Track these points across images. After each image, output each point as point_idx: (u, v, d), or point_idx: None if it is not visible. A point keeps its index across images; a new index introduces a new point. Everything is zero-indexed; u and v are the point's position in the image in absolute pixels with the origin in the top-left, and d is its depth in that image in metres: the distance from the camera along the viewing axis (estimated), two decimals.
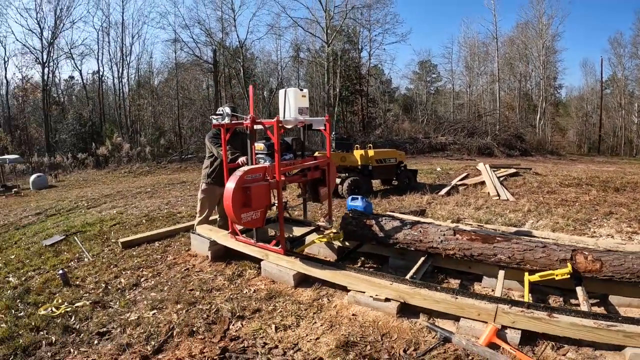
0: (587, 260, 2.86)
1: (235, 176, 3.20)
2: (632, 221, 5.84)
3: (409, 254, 3.48)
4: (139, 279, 4.09)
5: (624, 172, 13.95)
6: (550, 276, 2.85)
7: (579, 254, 2.89)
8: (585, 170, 15.13)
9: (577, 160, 24.38)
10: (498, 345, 2.40)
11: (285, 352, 2.50)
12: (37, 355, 2.76)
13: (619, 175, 12.28)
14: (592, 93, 43.95)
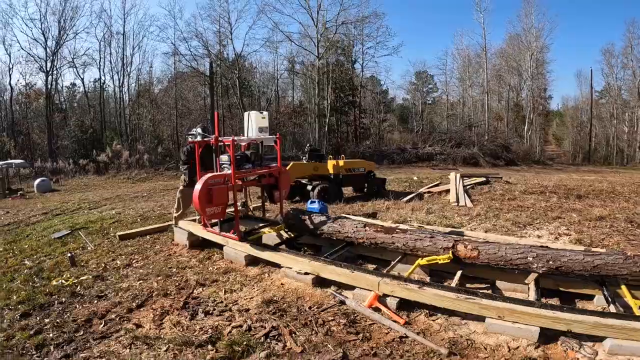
0: (467, 249, 3.59)
1: (202, 180, 4.37)
2: (573, 225, 6.42)
3: (337, 243, 4.60)
4: (131, 261, 5.22)
5: (602, 180, 14.50)
6: (434, 260, 3.64)
7: (460, 244, 3.63)
8: (564, 179, 15.86)
9: (561, 170, 25.42)
10: (379, 307, 3.36)
11: (227, 305, 3.62)
12: (50, 310, 3.83)
13: (591, 183, 12.98)
14: (587, 103, 44.73)
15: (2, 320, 3.57)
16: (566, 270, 3.32)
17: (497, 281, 3.79)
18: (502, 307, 3.00)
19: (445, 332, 3.02)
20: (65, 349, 3.02)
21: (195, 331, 3.11)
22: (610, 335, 2.77)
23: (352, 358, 2.53)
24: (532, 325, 2.91)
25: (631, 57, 38.44)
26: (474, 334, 3.01)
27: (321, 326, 2.98)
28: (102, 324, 3.42)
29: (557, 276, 3.48)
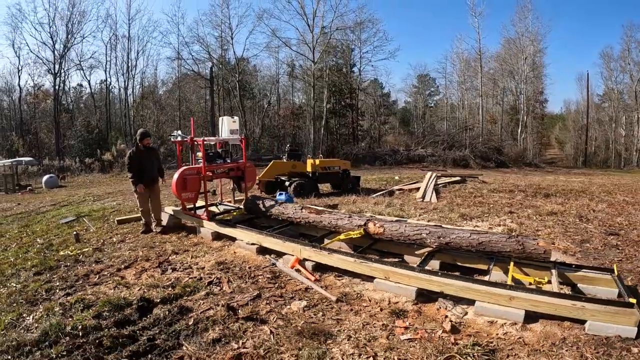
0: (375, 227, 4.35)
1: (179, 171, 5.56)
2: (521, 218, 6.96)
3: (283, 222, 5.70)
4: (125, 238, 6.39)
5: (584, 182, 15.01)
6: (349, 236, 4.49)
7: (370, 222, 4.42)
8: (546, 180, 16.45)
9: (552, 172, 26.10)
10: (299, 269, 4.37)
11: (190, 265, 4.76)
12: (57, 270, 4.98)
13: (568, 184, 13.56)
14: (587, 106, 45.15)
15: (19, 277, 4.74)
16: (455, 245, 3.97)
17: (405, 255, 4.53)
18: (387, 270, 3.77)
19: (344, 288, 3.87)
20: (67, 291, 4.18)
21: (162, 280, 4.27)
22: (477, 298, 3.31)
23: (264, 296, 3.64)
24: (411, 285, 3.59)
25: (628, 61, 39.24)
26: (365, 290, 3.80)
27: (251, 278, 4.12)
28: (97, 277, 4.59)
29: (455, 253, 4.12)
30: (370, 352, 2.67)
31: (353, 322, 3.12)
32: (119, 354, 2.75)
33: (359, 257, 4.05)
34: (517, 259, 3.86)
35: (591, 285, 3.66)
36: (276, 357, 2.53)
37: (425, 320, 3.23)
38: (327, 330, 2.90)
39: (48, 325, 3.17)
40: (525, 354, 2.70)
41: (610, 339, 2.86)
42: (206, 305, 3.46)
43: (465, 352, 2.66)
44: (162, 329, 3.12)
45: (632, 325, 2.84)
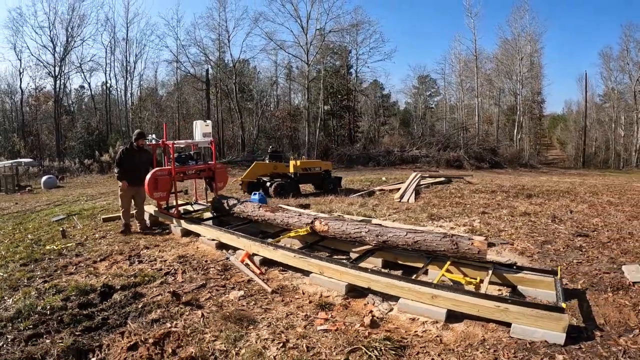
0: (321, 224, 4.70)
1: (151, 172, 6.15)
2: (491, 219, 7.10)
3: (245, 220, 6.26)
4: (106, 234, 6.97)
5: (573, 182, 15.05)
6: (298, 233, 4.87)
7: (317, 220, 4.76)
8: (534, 180, 16.65)
9: (547, 173, 26.36)
10: (248, 262, 4.81)
11: (155, 258, 5.33)
12: (43, 262, 5.57)
13: (554, 184, 13.59)
14: (588, 107, 45.19)
15: (7, 267, 5.33)
16: (392, 244, 4.14)
17: (351, 253, 4.79)
18: (322, 265, 4.01)
19: (284, 281, 4.19)
20: (45, 279, 4.75)
21: (128, 270, 4.84)
22: (401, 295, 3.41)
23: (208, 286, 4.17)
24: (342, 281, 3.80)
25: (627, 61, 39.37)
26: (302, 284, 4.09)
27: (204, 270, 4.67)
28: (74, 268, 5.17)
29: (397, 251, 4.29)
30: (283, 338, 2.94)
31: (279, 311, 3.45)
32: (75, 328, 3.31)
33: (298, 252, 4.43)
34: (453, 258, 3.91)
35: (531, 287, 3.62)
36: (199, 337, 3.02)
37: (348, 314, 3.42)
38: (252, 317, 3.28)
39: (22, 306, 3.75)
40: (437, 352, 2.74)
41: (535, 343, 2.81)
42: (157, 292, 4.03)
43: (373, 345, 2.76)
44: (115, 310, 3.69)
45: (560, 331, 2.75)
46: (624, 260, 4.50)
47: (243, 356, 2.64)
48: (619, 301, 3.43)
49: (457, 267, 3.98)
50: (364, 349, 2.71)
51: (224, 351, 2.75)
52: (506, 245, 5.34)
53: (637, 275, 3.94)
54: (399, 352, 2.73)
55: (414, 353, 2.74)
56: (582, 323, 3.10)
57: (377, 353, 2.67)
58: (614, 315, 3.20)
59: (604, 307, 3.35)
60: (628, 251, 4.86)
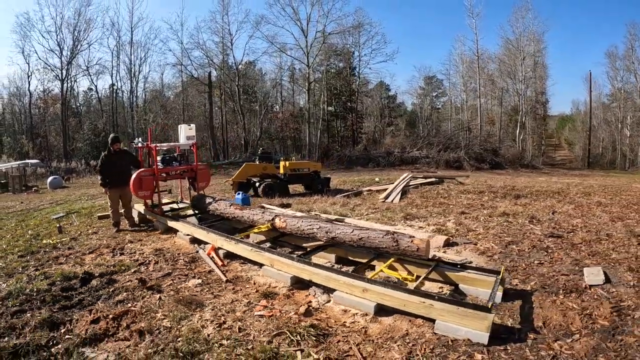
0: (280, 221, 5.11)
1: (136, 172, 6.79)
2: (467, 219, 7.25)
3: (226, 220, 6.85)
4: (99, 230, 7.64)
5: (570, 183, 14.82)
6: (260, 229, 5.34)
7: (277, 217, 5.22)
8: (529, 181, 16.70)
9: (548, 174, 26.13)
10: (213, 255, 5.07)
11: (136, 251, 5.93)
12: (38, 254, 6.22)
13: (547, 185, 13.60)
14: (595, 107, 44.83)
15: (7, 258, 6.00)
16: (339, 240, 4.44)
17: (304, 244, 5.19)
18: (272, 258, 4.38)
19: (241, 272, 4.64)
20: (37, 268, 5.39)
21: (110, 261, 5.47)
22: (337, 288, 3.65)
23: (173, 274, 4.72)
24: (288, 273, 4.10)
25: (633, 60, 39.11)
26: (255, 275, 4.51)
27: (173, 261, 5.26)
28: (64, 259, 5.81)
29: (347, 248, 4.56)
30: (221, 320, 3.36)
31: (227, 298, 3.88)
32: (53, 306, 3.93)
33: (255, 246, 4.89)
34: (395, 255, 4.10)
35: (472, 286, 3.68)
36: (151, 315, 3.56)
37: (288, 303, 3.72)
38: (201, 302, 3.76)
39: (13, 288, 4.39)
40: (356, 342, 2.93)
41: (457, 341, 2.86)
42: (128, 279, 4.64)
43: (297, 331, 3.01)
44: (91, 293, 4.30)
45: (484, 331, 2.77)
46: (589, 262, 4.48)
47: (182, 332, 3.17)
48: (567, 304, 3.43)
49: (401, 264, 4.15)
50: (288, 333, 3.00)
51: (168, 327, 3.30)
52: (469, 245, 5.47)
53: (595, 278, 3.89)
54: (320, 338, 2.97)
55: (334, 341, 2.96)
56: (519, 324, 3.13)
57: (299, 337, 2.94)
58: (557, 319, 3.19)
59: (548, 309, 3.36)
60: (597, 253, 4.83)
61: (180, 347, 2.86)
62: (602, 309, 3.33)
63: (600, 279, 3.89)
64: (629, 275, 4.06)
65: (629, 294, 3.60)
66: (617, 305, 3.39)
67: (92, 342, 3.19)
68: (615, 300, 3.51)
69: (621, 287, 3.77)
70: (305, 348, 2.83)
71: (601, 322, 3.12)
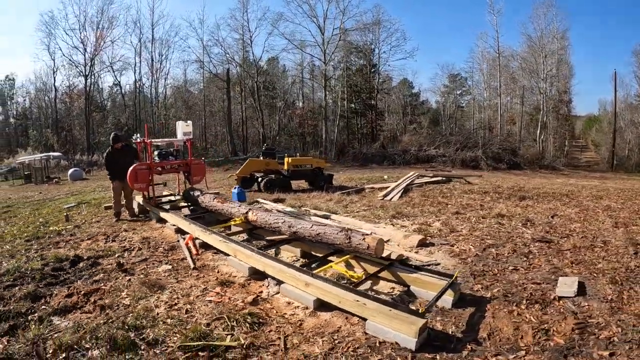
0: (253, 215, 5.44)
1: (132, 166, 7.38)
2: (458, 220, 7.25)
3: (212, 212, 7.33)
4: (101, 220, 8.30)
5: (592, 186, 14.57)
6: (235, 221, 5.84)
7: (250, 211, 5.54)
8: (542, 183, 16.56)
9: (567, 175, 25.53)
10: (190, 245, 5.38)
11: (126, 239, 6.48)
12: (43, 239, 6.88)
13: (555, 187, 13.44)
14: (622, 108, 43.41)
15: (14, 242, 6.69)
16: (300, 235, 4.66)
17: (267, 237, 5.63)
18: (236, 248, 4.66)
19: (210, 261, 4.98)
20: (38, 250, 6.04)
21: (101, 247, 6.05)
22: (285, 280, 3.81)
23: (149, 260, 5.21)
24: (247, 264, 4.38)
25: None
26: (221, 265, 4.82)
27: (155, 249, 5.76)
28: (64, 244, 6.44)
29: (311, 243, 4.73)
30: (174, 302, 3.74)
31: (187, 283, 4.25)
32: (40, 282, 4.49)
33: (224, 237, 5.23)
34: (348, 252, 4.23)
35: (424, 289, 3.66)
36: (116, 294, 4.05)
37: (240, 291, 4.00)
38: (163, 285, 4.17)
39: (11, 267, 4.99)
40: (288, 332, 3.12)
41: (385, 344, 2.86)
42: (110, 262, 5.18)
43: (236, 317, 3.27)
44: (75, 273, 4.86)
45: (412, 336, 2.73)
46: (570, 271, 4.29)
47: (137, 309, 3.62)
48: (525, 316, 3.28)
49: (358, 261, 4.27)
50: (226, 319, 3.27)
51: (127, 305, 3.77)
52: (445, 246, 5.44)
53: (567, 289, 3.65)
54: (255, 326, 3.19)
55: (267, 330, 3.17)
56: (461, 334, 3.05)
57: (235, 323, 3.20)
58: (507, 331, 3.06)
59: (501, 320, 3.23)
60: (583, 262, 4.63)
61: (128, 321, 3.32)
62: (563, 324, 3.09)
63: (572, 291, 3.62)
64: (610, 288, 3.78)
65: (602, 310, 3.34)
66: (582, 321, 3.13)
67: (61, 313, 3.70)
68: (583, 315, 3.27)
69: (595, 302, 3.51)
70: (237, 333, 3.08)
71: (557, 339, 2.91)
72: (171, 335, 3.10)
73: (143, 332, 3.19)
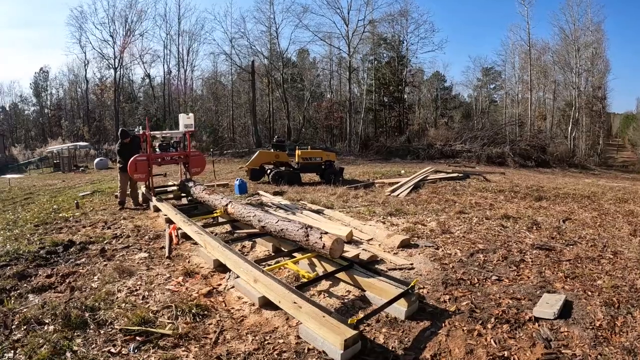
0: (231, 208, 5.79)
1: (133, 157, 7.85)
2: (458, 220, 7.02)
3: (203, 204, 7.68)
4: (107, 208, 8.89)
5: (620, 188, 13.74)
6: (215, 214, 6.27)
7: (229, 204, 5.85)
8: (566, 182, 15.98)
9: (598, 175, 24.22)
10: (173, 234, 5.58)
11: (121, 227, 6.95)
12: (50, 225, 7.49)
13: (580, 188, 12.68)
14: None
15: (24, 227, 7.31)
16: (268, 229, 4.84)
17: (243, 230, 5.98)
18: (206, 240, 4.85)
19: (185, 251, 5.28)
20: (41, 235, 6.60)
21: (96, 233, 6.54)
22: (240, 274, 3.89)
23: (131, 247, 5.60)
24: (212, 256, 4.56)
25: None
26: (194, 256, 5.08)
27: (141, 237, 6.18)
28: (66, 230, 6.99)
29: (281, 239, 4.83)
30: (136, 288, 4.05)
31: (155, 272, 4.54)
32: (31, 263, 4.97)
33: (200, 228, 5.49)
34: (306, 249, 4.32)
35: (378, 295, 3.54)
36: (89, 277, 4.43)
37: (200, 282, 4.23)
38: (133, 272, 4.48)
39: (10, 249, 5.53)
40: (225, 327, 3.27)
41: (313, 351, 2.83)
42: (96, 248, 5.62)
43: (183, 307, 3.49)
44: (64, 256, 5.32)
45: (338, 346, 2.63)
46: (561, 286, 3.90)
47: (101, 291, 3.99)
48: (485, 338, 2.97)
49: (319, 260, 4.28)
50: (174, 307, 3.52)
51: (94, 288, 4.15)
52: (429, 249, 5.21)
53: (547, 310, 3.22)
54: (198, 317, 3.38)
55: (207, 322, 3.34)
56: (402, 351, 2.88)
57: (180, 313, 3.42)
58: (457, 354, 2.81)
59: (455, 340, 2.98)
60: (579, 276, 4.18)
61: (87, 302, 3.68)
62: (528, 353, 2.71)
63: (552, 312, 3.18)
64: (602, 311, 3.33)
65: (583, 339, 2.92)
66: (553, 352, 2.75)
67: (38, 291, 4.13)
68: (557, 344, 2.86)
69: (578, 327, 3.09)
70: (178, 323, 3.31)
71: None
72: (120, 319, 3.42)
73: (97, 313, 3.53)
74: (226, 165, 22.14)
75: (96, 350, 2.97)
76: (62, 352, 2.94)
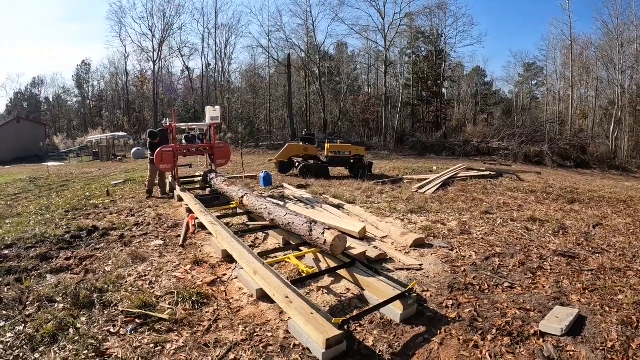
0: (246, 200, 5.99)
1: (159, 149, 8.17)
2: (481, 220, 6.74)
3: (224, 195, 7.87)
4: (136, 196, 9.29)
5: None
6: (233, 205, 6.60)
7: (244, 197, 6.09)
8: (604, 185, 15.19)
9: None
10: (190, 223, 5.96)
11: (144, 215, 7.27)
12: (81, 211, 7.94)
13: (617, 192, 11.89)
14: None
15: (55, 212, 7.79)
16: (276, 222, 5.01)
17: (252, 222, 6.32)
18: (218, 231, 5.04)
19: (201, 242, 5.46)
20: (69, 220, 7.02)
21: (121, 220, 6.87)
22: (244, 266, 3.93)
23: (149, 235, 5.87)
24: (221, 246, 4.69)
25: None
26: (207, 245, 5.28)
27: (161, 224, 6.45)
28: (93, 216, 7.39)
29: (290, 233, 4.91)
30: (145, 273, 4.28)
31: (166, 259, 4.75)
32: (55, 246, 5.32)
33: (214, 219, 5.70)
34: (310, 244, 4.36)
35: (376, 295, 3.50)
36: (104, 261, 4.69)
37: (206, 271, 4.37)
38: (146, 258, 4.72)
39: (38, 232, 5.94)
40: (220, 316, 3.37)
41: (297, 348, 2.84)
42: (116, 234, 5.92)
43: (184, 294, 3.64)
44: (86, 241, 5.64)
45: (321, 344, 2.61)
46: (577, 299, 3.62)
47: (112, 275, 4.22)
48: (480, 351, 2.82)
49: (323, 256, 4.31)
50: (176, 293, 3.70)
51: (107, 271, 4.39)
52: (444, 250, 5.05)
53: (555, 325, 2.99)
54: (197, 304, 3.52)
55: (205, 310, 3.47)
56: (389, 356, 2.81)
57: (181, 299, 3.58)
58: None
59: (448, 350, 2.85)
60: (599, 288, 3.85)
61: (96, 284, 3.91)
62: None
63: (559, 328, 2.94)
64: (617, 330, 3.03)
65: None
66: None
67: (56, 272, 4.43)
68: None
69: (586, 347, 2.82)
70: (177, 309, 3.46)
71: None
72: (124, 301, 3.61)
73: (105, 295, 3.74)
74: (260, 157, 22.56)
75: (97, 329, 3.16)
76: (66, 328, 3.15)
